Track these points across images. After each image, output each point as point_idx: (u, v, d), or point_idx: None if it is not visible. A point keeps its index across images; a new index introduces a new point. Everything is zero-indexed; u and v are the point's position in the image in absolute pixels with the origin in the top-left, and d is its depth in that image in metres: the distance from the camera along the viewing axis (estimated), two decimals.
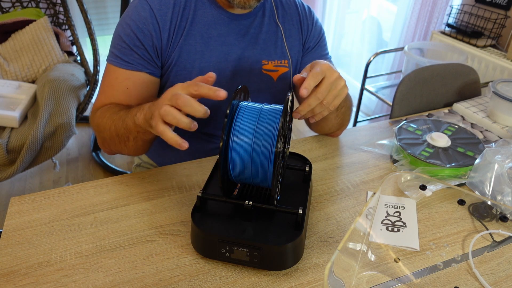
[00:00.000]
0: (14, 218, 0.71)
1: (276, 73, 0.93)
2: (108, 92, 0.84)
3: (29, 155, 1.50)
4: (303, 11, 0.96)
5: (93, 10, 2.54)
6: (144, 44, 0.82)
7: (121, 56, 0.82)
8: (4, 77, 1.80)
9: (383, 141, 0.96)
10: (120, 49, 0.82)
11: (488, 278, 0.63)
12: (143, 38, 0.81)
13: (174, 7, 0.83)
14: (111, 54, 0.84)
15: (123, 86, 0.83)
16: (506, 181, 0.76)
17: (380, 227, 0.72)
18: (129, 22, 0.81)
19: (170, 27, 0.83)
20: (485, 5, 1.88)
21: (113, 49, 0.84)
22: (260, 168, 0.60)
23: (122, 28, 0.82)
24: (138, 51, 0.82)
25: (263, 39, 0.90)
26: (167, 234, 0.69)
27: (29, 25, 1.86)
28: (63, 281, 0.60)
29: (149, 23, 0.81)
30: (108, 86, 0.84)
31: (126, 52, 0.82)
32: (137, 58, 0.82)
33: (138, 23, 0.81)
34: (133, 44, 0.81)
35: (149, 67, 0.84)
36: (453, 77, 1.26)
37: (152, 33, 0.81)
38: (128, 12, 0.83)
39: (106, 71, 0.85)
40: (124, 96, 0.84)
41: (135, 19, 0.81)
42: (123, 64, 0.82)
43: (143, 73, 0.84)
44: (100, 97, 0.86)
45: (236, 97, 0.62)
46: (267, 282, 0.61)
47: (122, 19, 0.83)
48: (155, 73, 0.86)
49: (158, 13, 0.81)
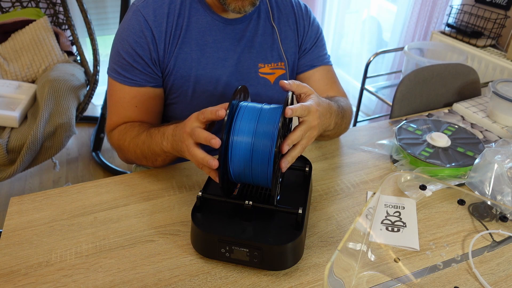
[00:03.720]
0: (14, 218, 0.71)
1: (273, 76, 0.93)
2: (120, 111, 0.86)
3: (29, 155, 1.50)
4: (299, 11, 0.94)
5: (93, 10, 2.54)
6: (144, 58, 0.82)
7: (124, 73, 0.83)
8: (4, 77, 1.80)
9: (383, 141, 0.96)
10: (121, 65, 0.83)
11: (488, 278, 0.63)
12: (142, 52, 0.82)
13: (168, 16, 0.82)
14: (112, 70, 0.85)
15: (132, 104, 0.85)
16: (506, 181, 0.76)
17: (380, 227, 0.72)
18: (126, 38, 0.81)
19: (166, 37, 0.83)
20: (485, 5, 1.88)
21: (114, 65, 0.84)
22: (260, 168, 0.60)
23: (120, 44, 0.82)
24: (138, 67, 0.83)
25: (259, 42, 0.90)
26: (167, 234, 0.69)
27: (29, 25, 1.86)
28: (63, 281, 0.60)
29: (146, 36, 0.81)
30: (118, 105, 0.86)
31: (128, 69, 0.83)
32: (139, 74, 0.83)
33: (135, 37, 0.81)
34: (133, 60, 0.82)
35: (152, 81, 0.85)
36: (453, 77, 1.26)
37: (150, 46, 0.82)
38: (124, 25, 0.83)
39: (111, 88, 0.86)
40: (135, 114, 0.86)
41: (131, 33, 0.81)
42: (127, 81, 0.83)
43: (148, 87, 0.85)
44: (113, 117, 0.87)
45: (235, 97, 0.62)
46: (267, 282, 0.61)
47: (119, 34, 0.83)
48: (158, 84, 0.87)
49: (153, 24, 0.81)
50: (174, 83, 0.86)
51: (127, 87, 0.84)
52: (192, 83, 0.86)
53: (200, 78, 0.86)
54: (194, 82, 0.86)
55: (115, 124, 0.87)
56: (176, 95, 0.88)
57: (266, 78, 0.92)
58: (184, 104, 0.88)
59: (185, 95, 0.87)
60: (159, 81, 0.86)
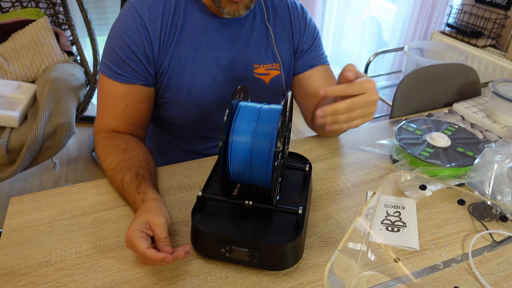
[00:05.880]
0: (14, 218, 0.71)
1: (268, 77, 0.93)
2: (110, 109, 0.84)
3: (29, 155, 1.50)
4: (295, 12, 0.94)
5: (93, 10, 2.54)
6: (138, 55, 0.81)
7: (115, 69, 0.82)
8: (4, 77, 1.80)
9: (383, 141, 0.96)
10: (114, 61, 0.82)
11: (488, 278, 0.63)
12: (136, 49, 0.81)
13: (163, 14, 0.82)
14: (104, 65, 0.83)
15: (122, 103, 0.84)
16: (506, 181, 0.76)
17: (380, 227, 0.72)
18: (120, 34, 0.81)
19: (161, 35, 0.82)
20: (485, 5, 1.88)
21: (106, 61, 0.83)
22: (260, 168, 0.60)
23: (114, 39, 0.81)
24: (131, 63, 0.81)
25: (254, 42, 0.90)
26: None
27: (29, 25, 1.86)
28: (63, 281, 0.60)
29: (141, 32, 0.80)
30: (108, 102, 0.84)
31: (120, 65, 0.81)
32: (131, 71, 0.82)
33: (130, 34, 0.80)
34: (126, 56, 0.81)
35: (143, 79, 0.84)
36: (453, 77, 1.26)
37: (144, 43, 0.81)
38: (119, 22, 0.82)
39: (102, 84, 0.84)
40: (125, 113, 0.85)
41: (126, 29, 0.80)
42: (118, 77, 0.82)
43: (138, 85, 0.84)
44: (102, 114, 0.85)
45: (235, 97, 0.62)
46: (267, 282, 0.61)
47: (113, 30, 0.82)
48: (148, 83, 0.85)
49: (148, 21, 0.80)
50: (168, 82, 0.86)
51: (118, 83, 0.82)
52: (187, 82, 0.86)
53: (195, 77, 0.86)
54: (189, 81, 0.86)
55: (105, 125, 0.85)
56: (171, 93, 0.87)
57: (261, 79, 0.92)
58: (178, 103, 0.88)
59: (179, 94, 0.87)
60: (150, 80, 0.85)
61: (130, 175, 0.73)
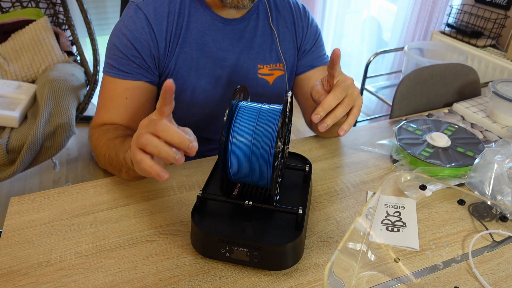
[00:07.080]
0: (14, 218, 0.71)
1: (272, 77, 0.93)
2: (108, 105, 0.83)
3: (29, 155, 1.50)
4: (298, 12, 0.94)
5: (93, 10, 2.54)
6: (142, 53, 0.80)
7: (118, 66, 0.81)
8: (4, 77, 1.80)
9: (383, 141, 0.96)
10: (117, 59, 0.81)
11: (488, 278, 0.63)
12: (141, 48, 0.80)
13: (168, 15, 0.82)
14: (107, 65, 0.82)
15: (122, 97, 0.82)
16: (506, 181, 0.76)
17: (380, 227, 0.72)
18: (125, 32, 0.80)
19: (166, 36, 0.82)
20: (485, 5, 1.88)
21: (109, 60, 0.82)
22: (260, 168, 0.60)
23: (118, 38, 0.81)
24: (136, 61, 0.81)
25: (258, 43, 0.90)
26: (167, 234, 0.69)
27: (29, 25, 1.86)
28: (63, 281, 0.60)
29: (146, 32, 0.80)
30: (107, 98, 0.83)
31: (124, 62, 0.81)
32: (135, 68, 0.81)
33: (135, 33, 0.79)
34: (130, 54, 0.80)
35: (148, 76, 0.83)
36: (453, 77, 1.26)
37: (149, 42, 0.80)
38: (123, 21, 0.81)
39: (104, 83, 0.83)
40: (123, 108, 0.82)
41: (131, 28, 0.80)
42: (121, 74, 0.81)
43: (142, 82, 0.83)
44: (100, 112, 0.84)
45: (235, 97, 0.62)
46: (267, 282, 0.61)
47: (116, 29, 0.82)
48: (153, 81, 0.85)
49: (154, 22, 0.80)
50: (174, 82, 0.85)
51: (120, 80, 0.81)
52: (192, 83, 0.86)
53: (200, 78, 0.86)
54: (194, 82, 0.86)
55: (101, 121, 0.83)
56: (175, 95, 0.87)
57: (265, 79, 0.92)
58: (182, 104, 0.88)
59: (183, 95, 0.87)
60: (154, 78, 0.85)
61: (118, 140, 0.73)
